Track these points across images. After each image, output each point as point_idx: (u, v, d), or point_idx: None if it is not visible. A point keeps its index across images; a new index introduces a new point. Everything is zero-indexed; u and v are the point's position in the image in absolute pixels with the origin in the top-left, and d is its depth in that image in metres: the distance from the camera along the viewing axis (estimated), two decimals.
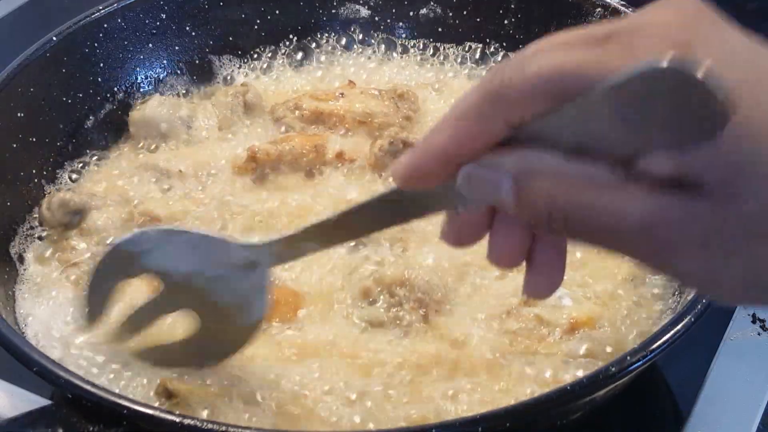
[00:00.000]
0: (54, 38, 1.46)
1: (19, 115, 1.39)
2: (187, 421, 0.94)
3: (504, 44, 1.67)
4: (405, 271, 1.23)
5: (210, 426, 0.94)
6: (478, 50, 1.68)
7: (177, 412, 0.99)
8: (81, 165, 1.49)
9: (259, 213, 1.38)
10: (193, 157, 1.48)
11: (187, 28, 1.63)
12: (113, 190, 1.43)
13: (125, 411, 0.96)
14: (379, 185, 1.42)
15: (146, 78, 1.61)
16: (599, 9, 1.54)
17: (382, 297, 1.22)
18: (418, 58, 1.70)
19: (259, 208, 1.39)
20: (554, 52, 0.69)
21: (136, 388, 1.12)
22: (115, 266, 1.06)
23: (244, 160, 1.45)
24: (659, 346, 1.00)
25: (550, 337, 1.18)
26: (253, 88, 1.59)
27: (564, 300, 1.21)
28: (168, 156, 1.48)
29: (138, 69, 1.60)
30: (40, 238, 1.36)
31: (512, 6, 1.65)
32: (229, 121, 1.55)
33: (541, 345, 1.17)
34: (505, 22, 1.66)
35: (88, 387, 0.98)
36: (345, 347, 1.18)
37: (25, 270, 1.31)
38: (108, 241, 1.32)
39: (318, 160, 1.46)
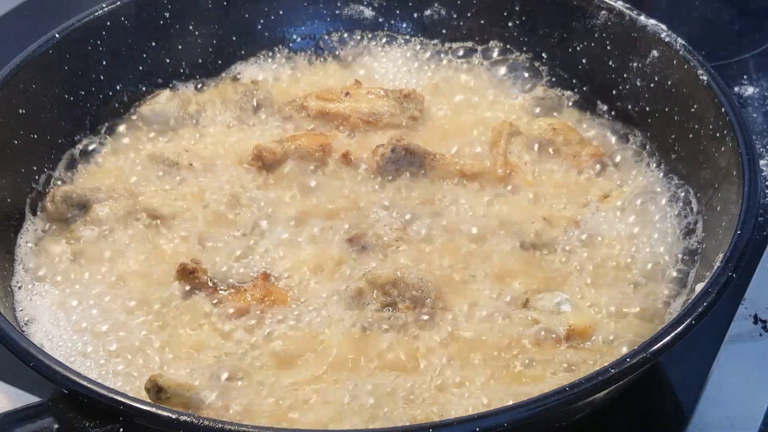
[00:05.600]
0: (57, 35, 1.46)
1: (20, 111, 1.39)
2: (183, 418, 0.94)
3: (508, 46, 1.66)
4: (398, 271, 1.23)
5: (206, 423, 0.93)
6: (483, 52, 1.68)
7: (173, 409, 0.98)
8: (84, 160, 1.49)
9: (267, 207, 1.38)
10: (201, 152, 1.49)
11: (191, 27, 1.63)
12: (119, 184, 1.43)
13: (121, 407, 0.95)
14: (384, 186, 1.42)
15: (149, 76, 1.61)
16: (603, 12, 1.54)
17: (375, 298, 1.22)
18: (423, 58, 1.69)
19: (267, 204, 1.39)
20: None
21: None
22: None
23: (250, 158, 1.45)
24: (659, 348, 1.00)
25: (546, 342, 1.18)
26: (263, 86, 1.59)
27: (563, 306, 1.21)
28: (176, 150, 1.48)
29: (141, 67, 1.60)
30: (43, 232, 1.36)
31: (516, 8, 1.65)
32: (238, 117, 1.56)
33: (537, 350, 1.17)
34: (509, 24, 1.66)
35: (85, 383, 0.98)
36: (338, 347, 1.18)
37: (26, 265, 1.31)
38: (107, 232, 1.34)
39: (324, 159, 1.46)
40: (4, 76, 1.38)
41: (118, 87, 1.57)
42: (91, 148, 1.51)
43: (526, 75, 1.64)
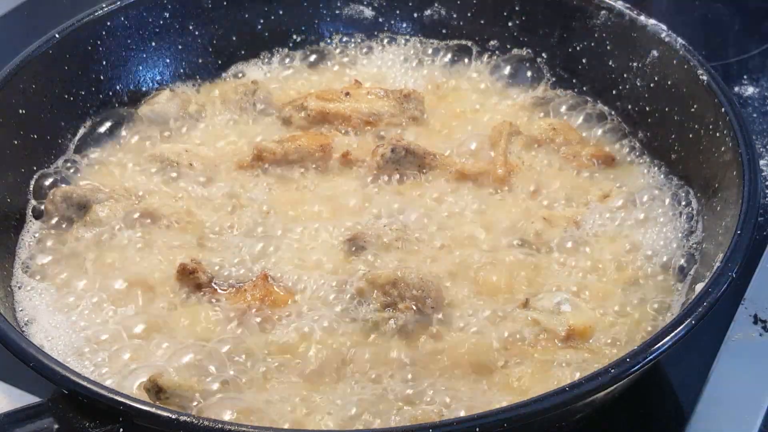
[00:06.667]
0: (56, 35, 1.46)
1: (20, 111, 1.40)
2: (182, 418, 0.94)
3: (508, 46, 1.66)
4: (398, 271, 1.22)
5: (206, 423, 0.93)
6: (483, 52, 1.68)
7: (172, 409, 0.98)
8: (85, 160, 1.49)
9: (267, 207, 1.38)
10: (201, 152, 1.49)
11: (191, 27, 1.64)
12: (119, 184, 1.43)
13: (121, 407, 0.95)
14: (384, 186, 1.42)
15: (149, 76, 1.61)
16: (603, 12, 1.54)
17: (375, 298, 1.22)
18: (423, 58, 1.69)
19: (267, 204, 1.39)
20: None
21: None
22: None
23: (251, 158, 1.45)
24: (659, 348, 1.00)
25: (546, 342, 1.18)
26: (262, 86, 1.59)
27: (563, 306, 1.21)
28: (176, 150, 1.48)
29: (141, 67, 1.60)
30: (43, 232, 1.36)
31: (516, 8, 1.65)
32: (238, 117, 1.56)
33: (536, 350, 1.17)
34: (509, 24, 1.66)
35: (85, 383, 0.98)
36: (339, 347, 1.18)
37: (26, 266, 1.31)
38: (107, 232, 1.34)
39: (324, 159, 1.46)
40: (4, 76, 1.38)
41: (118, 87, 1.57)
42: (90, 148, 1.51)
43: (527, 75, 1.64)
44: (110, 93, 1.56)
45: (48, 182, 1.43)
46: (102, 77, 1.55)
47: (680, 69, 1.40)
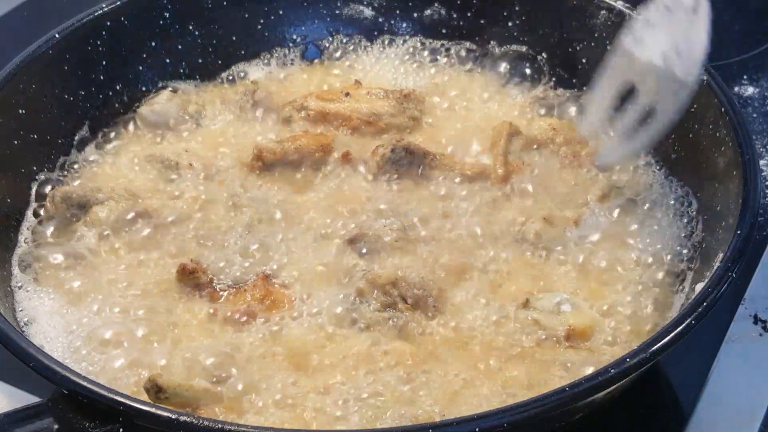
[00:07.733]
0: (56, 36, 1.46)
1: (20, 112, 1.40)
2: (183, 418, 0.94)
3: (508, 46, 1.66)
4: (398, 271, 1.23)
5: (206, 423, 0.93)
6: (483, 52, 1.68)
7: (172, 409, 0.98)
8: (84, 160, 1.49)
9: (267, 208, 1.38)
10: (201, 152, 1.49)
11: (191, 27, 1.63)
12: (119, 185, 1.43)
13: (121, 407, 0.95)
14: (384, 186, 1.42)
15: (149, 76, 1.61)
16: (603, 12, 1.54)
17: (375, 298, 1.22)
18: (423, 58, 1.69)
19: (267, 204, 1.39)
20: None
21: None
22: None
23: (251, 158, 1.45)
24: (659, 348, 1.00)
25: (546, 342, 1.18)
26: (263, 86, 1.59)
27: (563, 306, 1.21)
28: (176, 150, 1.48)
29: (141, 67, 1.60)
30: (42, 232, 1.36)
31: (516, 8, 1.64)
32: (238, 117, 1.56)
33: (536, 350, 1.17)
34: (510, 24, 1.65)
35: (85, 383, 0.98)
36: (339, 347, 1.18)
37: (26, 266, 1.31)
38: (107, 233, 1.34)
39: (324, 159, 1.46)
40: (4, 76, 1.38)
41: (118, 87, 1.57)
42: (90, 148, 1.51)
43: (527, 74, 1.64)
44: (110, 93, 1.56)
45: (48, 182, 1.43)
46: (102, 77, 1.55)
47: None
